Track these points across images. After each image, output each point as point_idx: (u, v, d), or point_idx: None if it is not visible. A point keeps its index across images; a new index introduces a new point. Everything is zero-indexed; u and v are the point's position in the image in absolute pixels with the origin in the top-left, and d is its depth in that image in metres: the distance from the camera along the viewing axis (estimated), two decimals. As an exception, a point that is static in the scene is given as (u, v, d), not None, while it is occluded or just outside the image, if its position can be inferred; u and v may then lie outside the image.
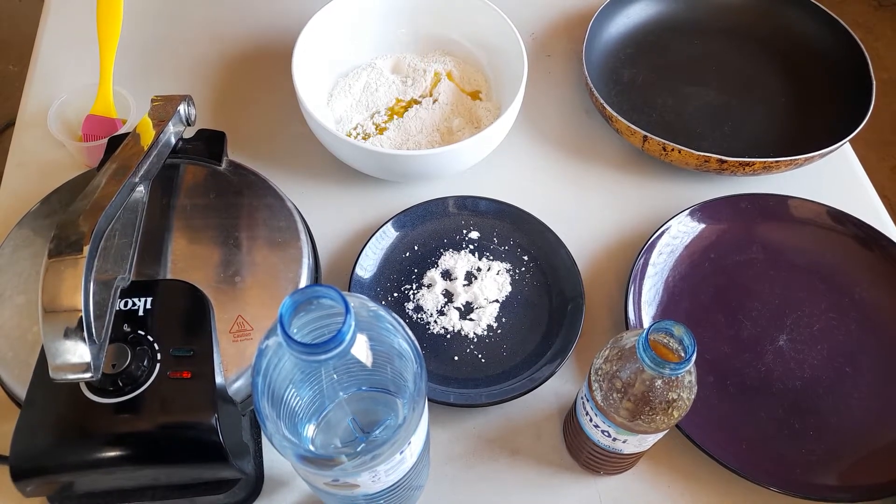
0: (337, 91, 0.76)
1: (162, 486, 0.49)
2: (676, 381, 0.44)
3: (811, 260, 0.67)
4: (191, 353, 0.48)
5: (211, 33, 0.84)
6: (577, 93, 0.80)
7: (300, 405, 0.38)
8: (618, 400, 0.45)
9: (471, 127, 0.73)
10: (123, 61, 0.74)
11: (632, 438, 0.48)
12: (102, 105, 0.71)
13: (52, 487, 0.48)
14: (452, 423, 0.59)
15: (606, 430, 0.49)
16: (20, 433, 0.45)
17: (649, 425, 0.45)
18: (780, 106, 0.78)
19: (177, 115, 0.57)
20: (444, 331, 0.63)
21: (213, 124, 0.63)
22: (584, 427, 0.51)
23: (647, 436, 0.47)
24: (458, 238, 0.68)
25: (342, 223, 0.70)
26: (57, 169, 0.71)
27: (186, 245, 0.55)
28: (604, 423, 0.48)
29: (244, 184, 0.60)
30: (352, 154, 0.67)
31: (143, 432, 0.46)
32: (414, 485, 0.50)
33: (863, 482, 0.55)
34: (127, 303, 0.49)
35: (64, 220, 0.45)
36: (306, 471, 0.40)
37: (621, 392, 0.45)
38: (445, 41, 0.79)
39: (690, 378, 0.44)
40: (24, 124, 0.75)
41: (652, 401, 0.44)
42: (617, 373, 0.45)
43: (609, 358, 0.46)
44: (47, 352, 0.42)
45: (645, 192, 0.73)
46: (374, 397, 0.41)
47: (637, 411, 0.45)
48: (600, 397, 0.47)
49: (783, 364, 0.62)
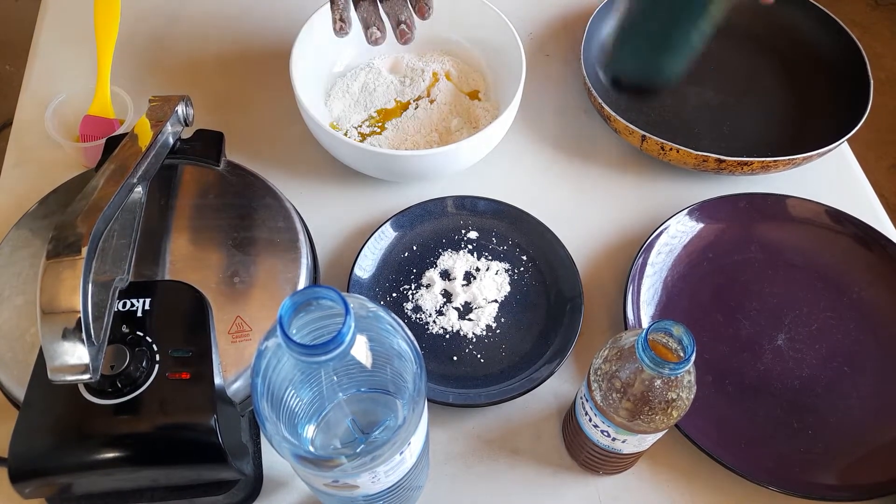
0: (335, 91, 0.76)
1: (161, 488, 0.49)
2: (676, 380, 0.44)
3: (809, 259, 0.68)
4: (189, 354, 0.48)
5: (209, 33, 0.84)
6: (576, 92, 0.80)
7: (300, 406, 0.38)
8: (617, 400, 0.45)
9: (469, 127, 0.73)
10: (121, 61, 0.74)
11: (631, 438, 0.48)
12: (100, 105, 0.71)
13: (50, 489, 0.48)
14: (451, 423, 0.59)
15: (606, 430, 0.49)
16: (19, 435, 0.45)
17: (649, 425, 0.45)
18: (778, 105, 0.78)
19: (175, 115, 0.57)
20: (442, 331, 0.63)
21: (211, 125, 0.63)
22: (584, 427, 0.51)
23: (646, 436, 0.47)
24: (456, 238, 0.68)
25: (341, 223, 0.70)
26: (54, 169, 0.71)
27: (185, 246, 0.55)
28: (603, 423, 0.48)
29: (242, 184, 0.60)
30: (350, 154, 0.67)
31: (142, 433, 0.46)
32: (413, 485, 0.50)
33: (862, 481, 0.55)
34: (125, 304, 0.49)
35: (62, 222, 0.45)
36: (306, 472, 0.40)
37: (620, 392, 0.45)
38: (444, 41, 0.79)
39: (689, 378, 0.44)
40: (21, 125, 0.75)
41: (651, 401, 0.44)
42: (616, 373, 0.45)
43: (608, 358, 0.46)
44: (46, 353, 0.42)
45: (643, 191, 0.73)
46: (374, 398, 0.41)
47: (636, 411, 0.45)
48: (599, 397, 0.47)
49: (782, 363, 0.62)
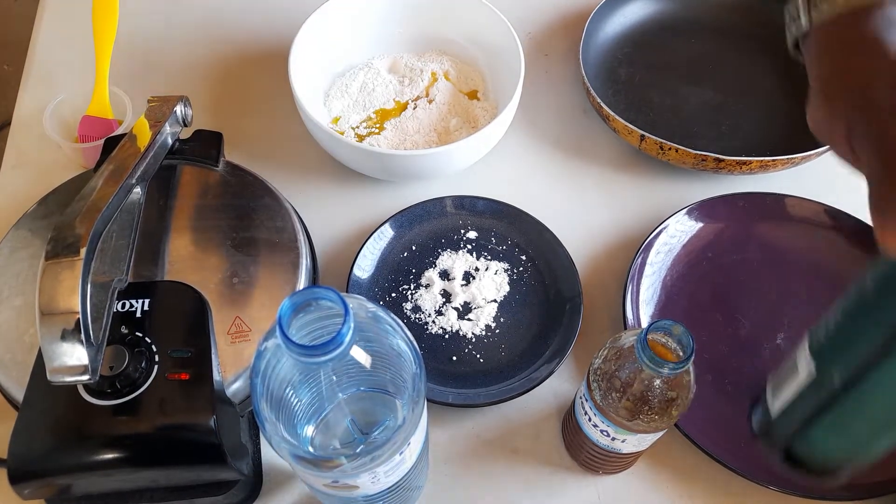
0: (334, 91, 0.76)
1: (160, 488, 0.49)
2: (675, 380, 0.44)
3: (808, 258, 0.68)
4: (189, 355, 0.48)
5: (207, 34, 0.84)
6: (575, 92, 0.80)
7: (299, 406, 0.38)
8: (616, 399, 0.45)
9: (468, 127, 0.73)
10: (119, 62, 0.73)
11: (631, 438, 0.48)
12: (98, 106, 0.71)
13: (50, 490, 0.48)
14: (451, 423, 0.59)
15: (605, 430, 0.49)
16: (18, 436, 0.45)
17: (648, 424, 0.45)
18: (776, 105, 0.78)
19: (173, 115, 0.57)
20: (442, 331, 0.63)
21: (210, 125, 0.63)
22: (583, 426, 0.51)
23: (646, 435, 0.47)
24: (455, 238, 0.68)
25: (340, 223, 0.70)
26: (53, 170, 0.71)
27: (184, 246, 0.55)
28: (603, 423, 0.48)
29: (241, 184, 0.60)
30: (349, 154, 0.67)
31: (142, 434, 0.46)
32: (413, 485, 0.50)
33: (862, 480, 0.55)
34: (124, 304, 0.49)
35: (61, 222, 0.45)
36: (305, 472, 0.40)
37: (620, 392, 0.45)
38: (442, 41, 0.79)
39: (689, 378, 0.44)
40: (19, 125, 0.75)
41: (651, 400, 0.44)
42: (616, 372, 0.45)
43: (608, 358, 0.46)
44: (44, 354, 0.42)
45: (642, 191, 0.73)
46: (373, 398, 0.41)
47: (636, 410, 0.45)
48: (599, 397, 0.47)
49: (781, 362, 0.61)
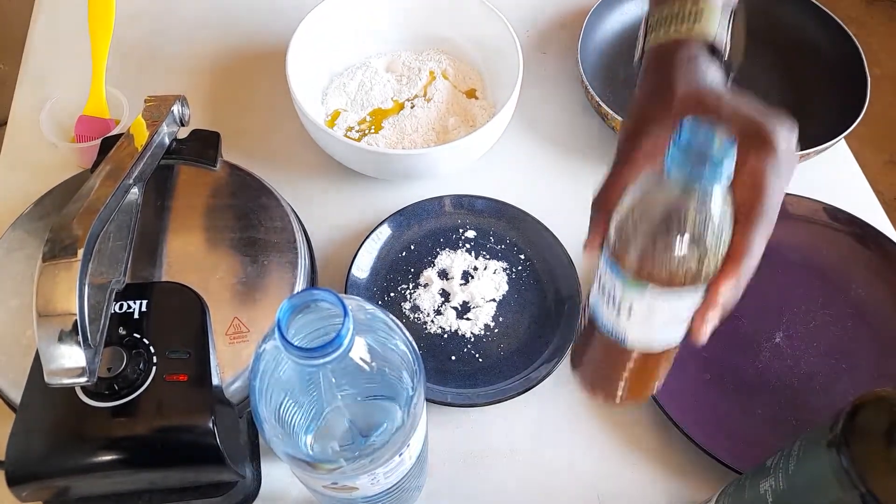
0: (332, 90, 0.75)
1: (159, 490, 0.49)
2: (704, 210, 0.37)
3: (807, 257, 0.67)
4: (187, 356, 0.48)
5: (204, 33, 0.83)
6: (573, 90, 0.80)
7: (298, 408, 0.38)
8: (632, 228, 0.39)
9: (466, 126, 0.73)
10: (116, 61, 0.73)
11: (639, 302, 0.41)
12: (95, 105, 0.71)
13: (48, 492, 0.47)
14: (450, 422, 0.59)
15: (613, 295, 0.42)
16: (15, 438, 0.45)
17: (663, 268, 0.38)
18: (774, 103, 0.76)
19: (170, 115, 0.57)
20: (440, 330, 0.63)
21: (208, 125, 0.62)
22: (591, 304, 0.45)
23: (657, 299, 0.40)
24: (454, 237, 0.68)
25: (338, 223, 0.69)
26: (50, 170, 0.70)
27: (181, 247, 0.55)
28: (612, 278, 0.41)
29: (239, 184, 0.59)
30: (347, 153, 0.67)
31: (140, 436, 0.46)
32: (412, 486, 0.50)
33: None
34: (122, 306, 0.49)
35: (58, 223, 0.45)
36: (304, 474, 0.40)
37: (638, 220, 0.39)
38: (440, 39, 0.78)
39: (721, 209, 0.37)
40: (15, 125, 0.75)
41: (671, 231, 0.37)
42: (641, 204, 0.39)
43: (634, 198, 0.40)
44: (42, 356, 0.42)
45: (641, 189, 0.73)
46: (373, 399, 0.40)
47: (652, 246, 0.38)
48: (613, 233, 0.41)
49: (780, 361, 0.62)
